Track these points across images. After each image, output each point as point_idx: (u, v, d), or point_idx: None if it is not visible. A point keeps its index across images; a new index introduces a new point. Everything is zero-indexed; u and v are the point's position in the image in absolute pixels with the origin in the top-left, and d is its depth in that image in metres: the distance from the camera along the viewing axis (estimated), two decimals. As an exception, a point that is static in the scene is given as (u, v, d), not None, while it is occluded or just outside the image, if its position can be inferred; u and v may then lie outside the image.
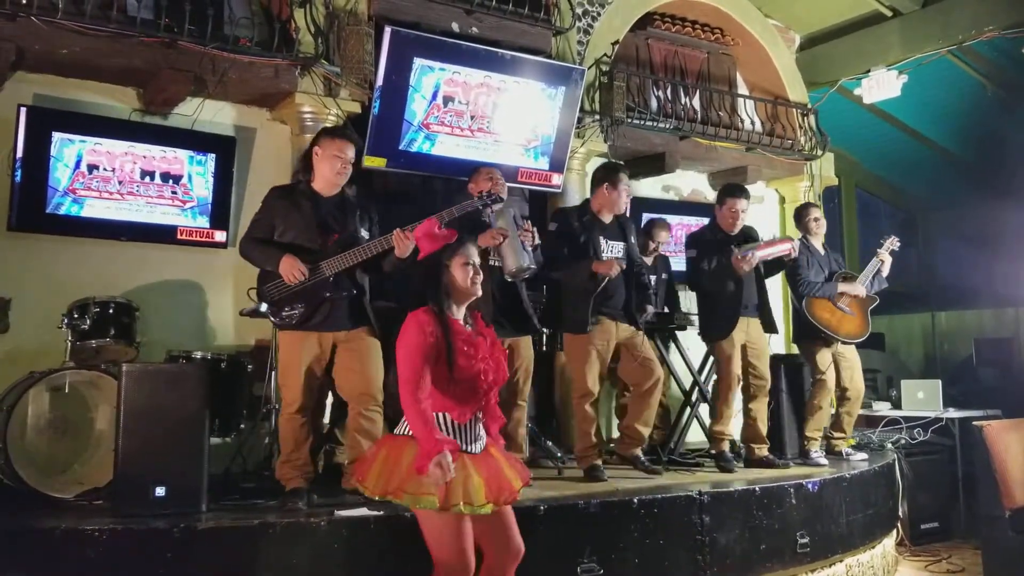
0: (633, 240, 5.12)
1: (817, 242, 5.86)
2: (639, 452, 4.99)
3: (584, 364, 4.80)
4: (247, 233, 4.12)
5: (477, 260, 3.15)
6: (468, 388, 2.99)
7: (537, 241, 4.68)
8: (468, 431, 3.03)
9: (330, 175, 4.05)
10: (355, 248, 3.94)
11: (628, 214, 5.34)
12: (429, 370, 2.93)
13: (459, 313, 3.13)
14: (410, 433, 2.97)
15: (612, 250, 4.95)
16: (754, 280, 5.40)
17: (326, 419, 4.79)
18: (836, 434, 5.90)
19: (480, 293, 3.14)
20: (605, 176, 5.05)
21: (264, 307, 3.94)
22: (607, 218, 5.00)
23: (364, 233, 4.09)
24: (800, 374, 5.92)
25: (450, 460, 2.85)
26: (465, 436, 3.02)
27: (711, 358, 5.73)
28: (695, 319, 5.72)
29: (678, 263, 6.34)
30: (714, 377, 5.62)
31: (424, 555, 3.11)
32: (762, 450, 5.38)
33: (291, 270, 3.86)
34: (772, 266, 5.51)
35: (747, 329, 5.35)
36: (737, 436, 5.76)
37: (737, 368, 5.32)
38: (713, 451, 5.39)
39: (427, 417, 2.90)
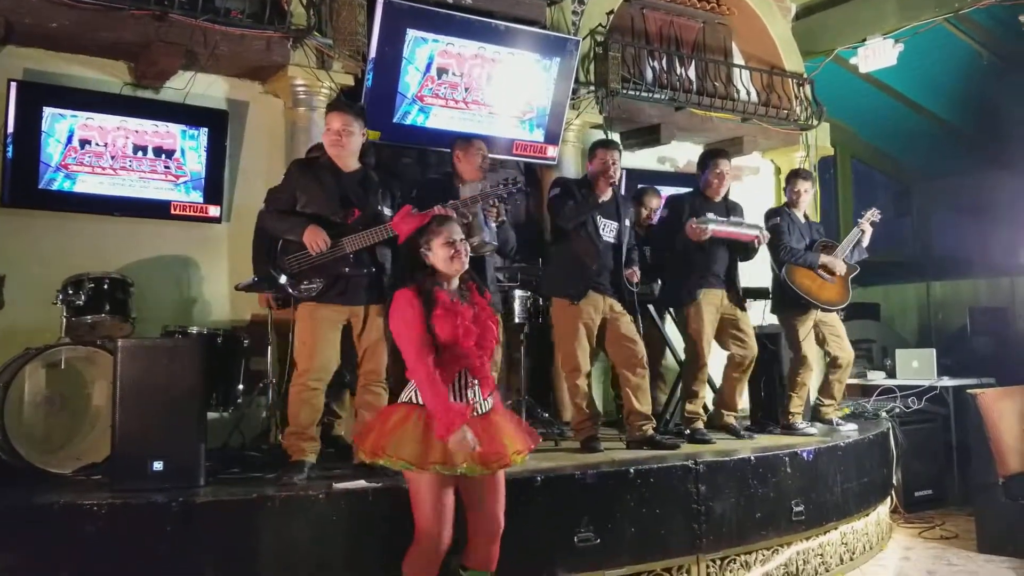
0: (627, 223, 5.04)
1: (799, 212, 5.81)
2: (650, 430, 4.90)
3: (573, 339, 4.79)
4: (268, 205, 4.10)
5: (459, 237, 3.19)
6: (449, 353, 3.06)
7: (503, 218, 4.63)
8: (455, 394, 3.08)
9: (328, 147, 4.05)
10: (377, 227, 3.94)
11: (624, 188, 5.30)
12: (429, 340, 3.03)
13: (451, 286, 3.20)
14: (403, 400, 3.10)
15: (605, 228, 4.92)
16: (726, 251, 5.27)
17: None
18: (826, 401, 5.88)
19: (464, 268, 3.20)
20: (593, 149, 5.03)
21: (284, 279, 3.94)
22: (605, 195, 4.95)
23: (387, 211, 4.07)
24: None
25: (470, 435, 2.95)
26: (453, 398, 3.07)
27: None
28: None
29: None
30: (714, 349, 5.50)
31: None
32: (729, 417, 5.37)
33: (315, 239, 3.86)
34: (739, 249, 5.34)
35: (719, 303, 5.25)
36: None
37: (707, 346, 5.24)
38: (687, 431, 5.25)
39: (439, 388, 3.00)
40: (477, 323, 3.14)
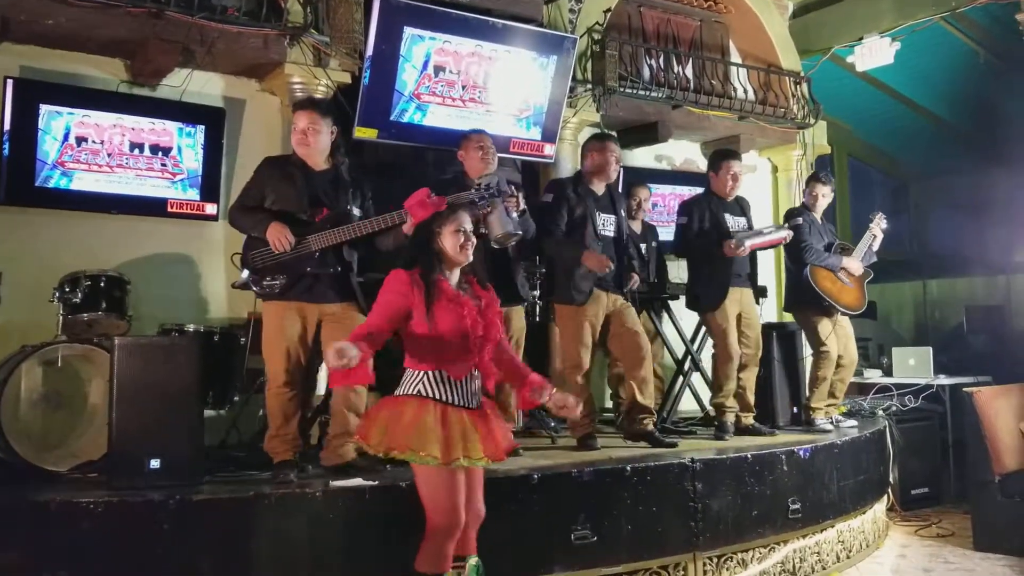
0: (623, 212, 5.08)
1: (816, 214, 5.87)
2: (650, 425, 4.91)
3: (575, 336, 4.79)
4: (237, 201, 4.09)
5: (469, 227, 3.19)
6: (459, 345, 3.05)
7: (523, 207, 4.61)
8: (465, 387, 3.09)
9: (294, 147, 4.04)
10: (346, 226, 3.91)
11: (620, 184, 5.31)
12: (390, 324, 3.04)
13: (452, 278, 3.20)
14: (413, 392, 3.05)
15: (604, 223, 4.93)
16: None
17: (320, 391, 4.80)
18: (828, 401, 5.91)
19: (469, 260, 3.20)
20: (594, 143, 5.03)
21: (246, 274, 3.92)
22: (599, 189, 4.97)
23: (356, 211, 4.05)
24: (792, 342, 5.92)
25: (355, 354, 2.85)
26: (462, 392, 3.08)
27: (703, 328, 5.73)
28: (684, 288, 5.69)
29: (667, 233, 6.32)
30: (708, 346, 5.57)
31: (418, 523, 3.13)
32: (748, 418, 5.38)
33: (278, 236, 3.83)
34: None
35: (740, 299, 5.32)
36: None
37: (735, 340, 5.28)
38: (716, 421, 5.33)
39: (371, 334, 2.96)
40: (483, 316, 3.14)
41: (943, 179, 11.03)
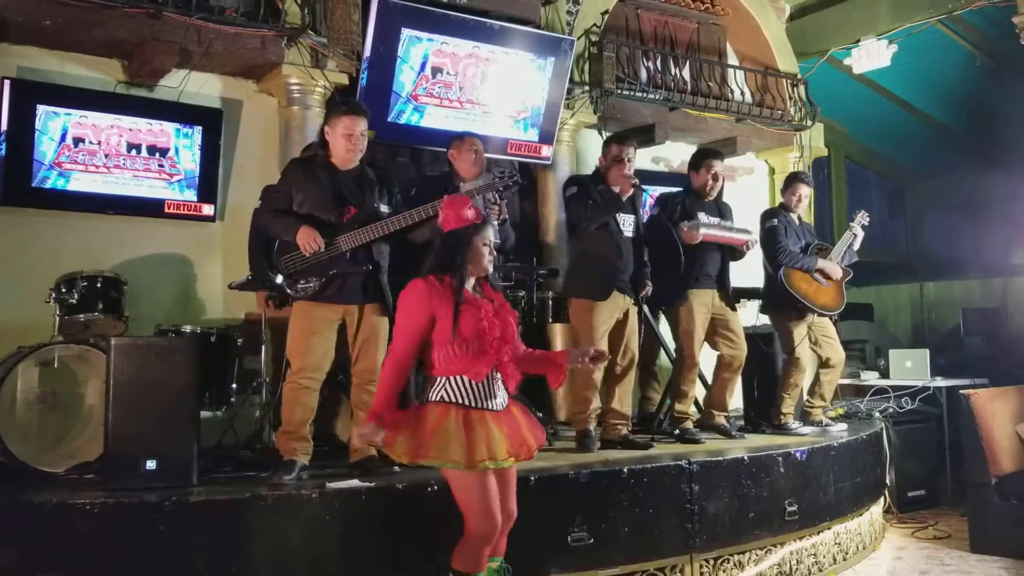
0: (642, 212, 5.04)
1: (794, 215, 5.80)
2: (624, 431, 4.92)
3: (593, 331, 4.73)
4: (265, 204, 4.10)
5: (493, 240, 3.26)
6: (477, 347, 3.07)
7: (505, 216, 4.61)
8: (486, 389, 3.10)
9: (342, 152, 4.02)
10: (375, 223, 3.93)
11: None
12: (418, 345, 3.08)
13: (468, 283, 3.23)
14: (435, 399, 3.08)
15: (624, 223, 4.91)
16: (718, 250, 5.26)
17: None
18: (816, 402, 5.83)
19: (491, 271, 3.28)
20: (606, 146, 5.00)
21: (280, 279, 3.93)
22: (617, 188, 4.95)
23: (384, 208, 4.07)
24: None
25: (381, 438, 3.02)
26: (483, 393, 3.09)
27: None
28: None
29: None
30: (706, 347, 5.52)
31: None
32: (720, 417, 5.35)
33: (308, 239, 3.85)
34: (729, 251, 5.35)
35: (711, 302, 5.24)
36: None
37: (698, 347, 5.22)
38: (676, 431, 5.24)
39: (393, 390, 3.06)
40: (498, 317, 3.16)
41: (940, 181, 11.05)
